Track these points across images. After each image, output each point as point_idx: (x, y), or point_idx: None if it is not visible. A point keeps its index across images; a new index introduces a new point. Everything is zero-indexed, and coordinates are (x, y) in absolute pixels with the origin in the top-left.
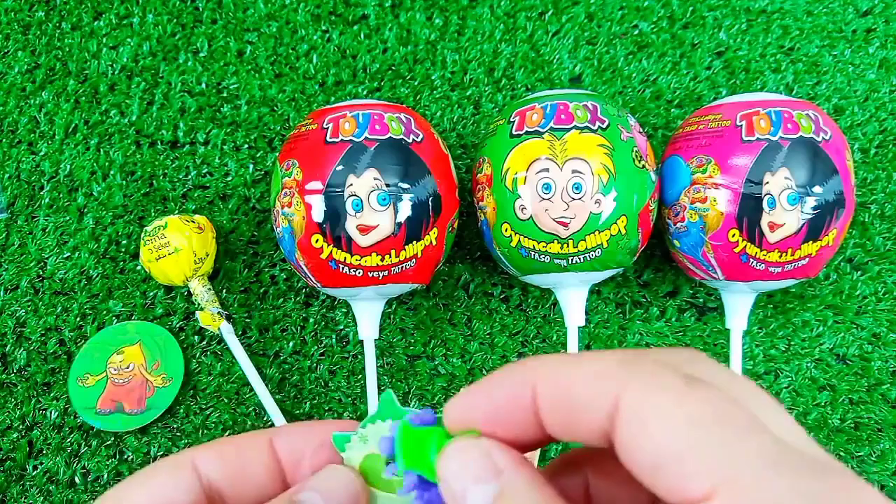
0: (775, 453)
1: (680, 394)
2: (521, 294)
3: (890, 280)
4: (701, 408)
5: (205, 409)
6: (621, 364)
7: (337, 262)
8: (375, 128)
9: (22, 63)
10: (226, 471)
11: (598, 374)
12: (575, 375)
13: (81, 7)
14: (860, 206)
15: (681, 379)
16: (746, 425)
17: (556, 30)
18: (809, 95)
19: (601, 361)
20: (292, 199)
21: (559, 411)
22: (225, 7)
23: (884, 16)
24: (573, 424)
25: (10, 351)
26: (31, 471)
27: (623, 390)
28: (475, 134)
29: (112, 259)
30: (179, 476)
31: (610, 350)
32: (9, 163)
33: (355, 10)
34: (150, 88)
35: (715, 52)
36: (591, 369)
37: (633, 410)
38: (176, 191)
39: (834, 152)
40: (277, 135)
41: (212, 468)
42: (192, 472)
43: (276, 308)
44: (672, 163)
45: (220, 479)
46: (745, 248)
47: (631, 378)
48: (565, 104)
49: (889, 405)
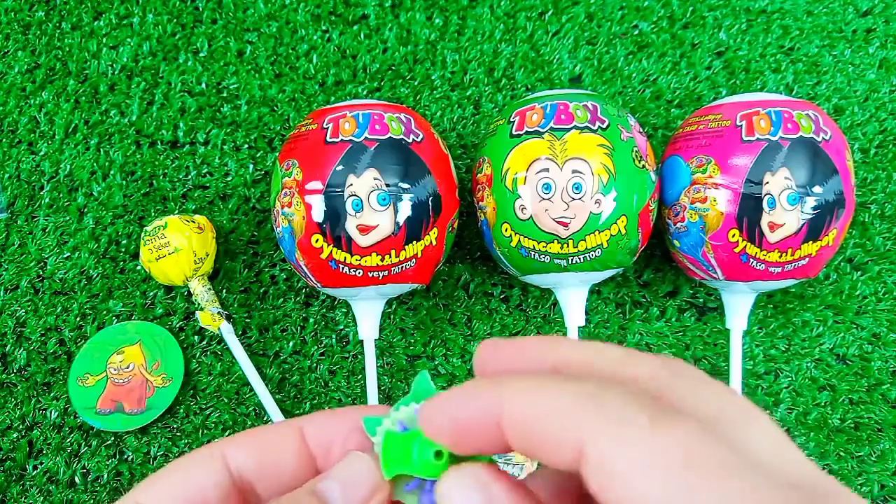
0: (752, 495)
1: (647, 438)
2: (521, 294)
3: (890, 280)
4: (670, 452)
5: (205, 409)
6: (588, 400)
7: (337, 262)
8: (375, 128)
9: (22, 63)
10: (256, 462)
11: (563, 414)
12: (540, 410)
13: (81, 7)
14: (860, 206)
15: (647, 417)
16: (719, 465)
17: (556, 30)
18: (809, 95)
19: (568, 394)
20: (292, 199)
21: (525, 441)
22: (225, 7)
23: (884, 16)
24: (540, 455)
25: (10, 351)
26: (31, 471)
27: (587, 437)
28: (475, 134)
29: (112, 259)
30: (210, 469)
31: (587, 368)
32: (9, 163)
33: (355, 10)
34: (150, 88)
35: (715, 52)
36: (558, 406)
37: (597, 462)
38: (176, 191)
39: (834, 152)
40: (277, 135)
41: (242, 460)
42: (223, 465)
43: (276, 308)
44: (672, 163)
45: (250, 470)
46: (745, 248)
47: (596, 421)
48: (565, 104)
49: (889, 405)
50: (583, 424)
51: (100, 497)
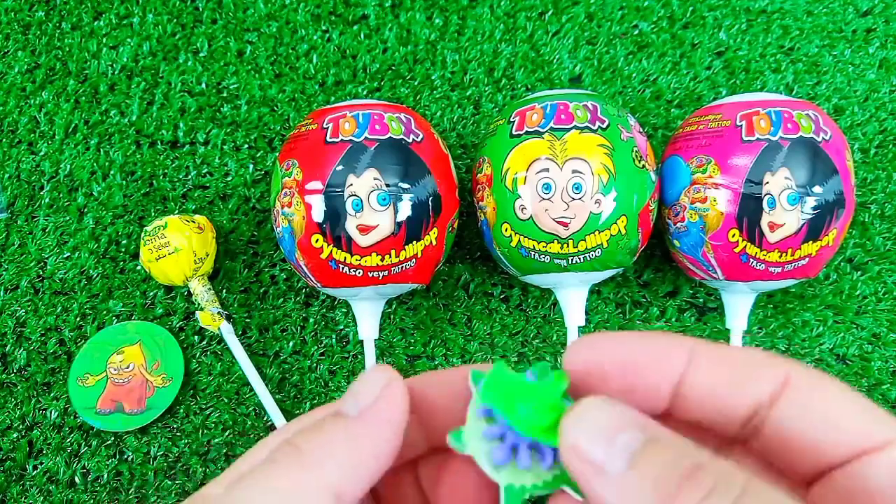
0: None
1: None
2: (521, 294)
3: (890, 280)
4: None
5: (205, 409)
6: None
7: (337, 262)
8: (375, 128)
9: (22, 63)
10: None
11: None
12: (737, 356)
13: (81, 7)
14: (860, 206)
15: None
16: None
17: (556, 30)
18: (809, 95)
19: (755, 351)
20: (292, 199)
21: (717, 385)
22: (225, 7)
23: (884, 16)
24: (722, 399)
25: (10, 351)
26: (31, 471)
27: (790, 372)
28: (475, 134)
29: (112, 259)
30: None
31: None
32: (9, 163)
33: (355, 10)
34: (150, 88)
35: (715, 52)
36: (750, 354)
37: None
38: (176, 191)
39: (834, 152)
40: (277, 135)
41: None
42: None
43: (276, 308)
44: (672, 163)
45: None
46: (745, 248)
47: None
48: (565, 104)
49: (889, 405)
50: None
51: (100, 497)
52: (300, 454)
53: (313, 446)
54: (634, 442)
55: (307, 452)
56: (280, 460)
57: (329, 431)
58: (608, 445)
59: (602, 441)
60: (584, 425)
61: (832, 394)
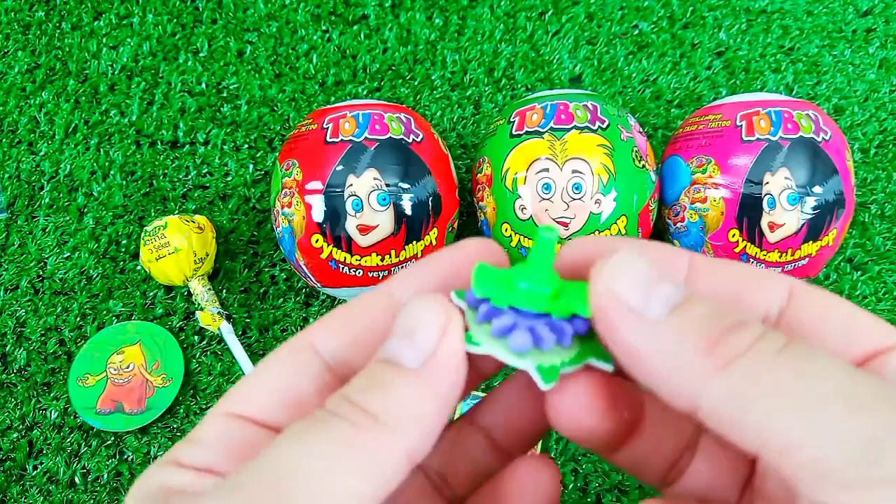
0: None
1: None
2: None
3: (890, 280)
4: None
5: (205, 409)
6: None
7: (337, 262)
8: (375, 128)
9: (22, 63)
10: (349, 342)
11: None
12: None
13: (81, 7)
14: (860, 206)
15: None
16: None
17: (556, 30)
18: (809, 95)
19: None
20: (292, 199)
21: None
22: (225, 7)
23: (884, 16)
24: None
25: (10, 351)
26: (31, 471)
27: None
28: (475, 134)
29: (112, 259)
30: (299, 361)
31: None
32: (9, 163)
33: (355, 10)
34: (150, 88)
35: (715, 52)
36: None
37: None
38: (176, 191)
39: (834, 152)
40: (277, 135)
41: (333, 344)
42: (313, 355)
43: (276, 308)
44: (672, 163)
45: (345, 351)
46: (745, 248)
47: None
48: (565, 104)
49: None
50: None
51: (100, 497)
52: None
53: (387, 408)
54: (675, 296)
55: (381, 414)
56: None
57: (397, 389)
58: (648, 292)
59: (641, 287)
60: (623, 269)
61: (836, 301)
